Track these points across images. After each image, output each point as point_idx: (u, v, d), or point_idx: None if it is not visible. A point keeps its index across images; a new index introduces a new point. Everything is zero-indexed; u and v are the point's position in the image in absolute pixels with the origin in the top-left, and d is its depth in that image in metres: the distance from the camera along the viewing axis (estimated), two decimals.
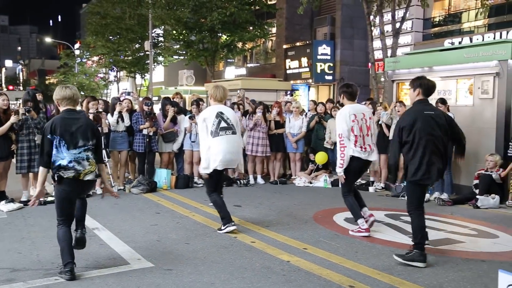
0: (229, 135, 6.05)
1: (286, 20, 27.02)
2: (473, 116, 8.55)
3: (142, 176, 9.03)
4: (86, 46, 37.00)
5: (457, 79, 8.91)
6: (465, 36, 19.68)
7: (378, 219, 6.76)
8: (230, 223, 5.99)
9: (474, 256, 5.15)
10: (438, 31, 21.53)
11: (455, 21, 21.01)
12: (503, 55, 8.07)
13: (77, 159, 4.49)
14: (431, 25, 21.90)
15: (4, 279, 4.33)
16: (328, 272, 4.57)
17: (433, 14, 21.86)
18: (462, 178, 8.65)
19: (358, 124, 5.94)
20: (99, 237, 5.76)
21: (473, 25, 20.22)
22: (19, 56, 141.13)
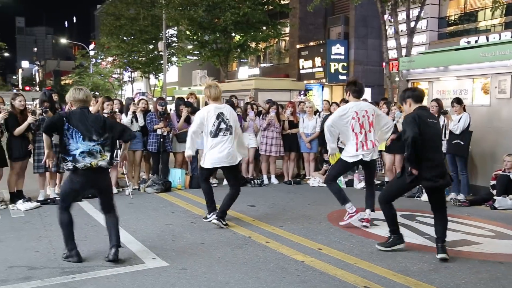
0: (227, 136, 6.37)
1: (300, 19, 26.97)
2: (490, 116, 8.46)
3: (156, 176, 9.08)
4: (101, 47, 37.31)
5: (473, 79, 8.82)
6: (481, 34, 19.47)
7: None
8: (215, 212, 6.42)
9: (491, 258, 5.09)
10: (454, 30, 21.32)
11: (471, 19, 20.80)
12: None
13: (91, 150, 4.79)
14: (446, 24, 21.70)
15: (21, 277, 4.39)
16: (343, 272, 4.56)
17: (448, 12, 21.66)
18: (479, 179, 8.55)
19: (359, 122, 6.16)
20: None
21: (489, 24, 19.99)
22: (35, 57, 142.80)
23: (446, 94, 9.20)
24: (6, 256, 5.01)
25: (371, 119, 6.22)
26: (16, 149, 7.47)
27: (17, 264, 4.76)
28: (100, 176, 5.00)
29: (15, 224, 6.38)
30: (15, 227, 6.20)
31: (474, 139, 8.19)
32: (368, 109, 6.31)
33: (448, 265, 4.80)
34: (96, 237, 5.78)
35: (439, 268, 4.72)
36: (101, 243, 5.47)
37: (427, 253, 5.18)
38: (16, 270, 4.57)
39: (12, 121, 7.36)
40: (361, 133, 6.21)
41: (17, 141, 7.48)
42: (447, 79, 9.30)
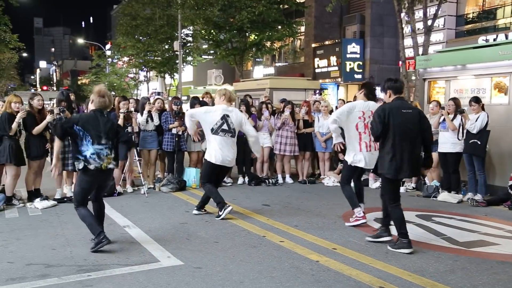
0: (228, 137, 6.63)
1: (315, 18, 26.89)
2: (508, 115, 8.33)
3: (171, 175, 9.13)
4: (117, 47, 37.61)
5: (491, 77, 8.70)
6: (500, 32, 19.23)
7: (409, 220, 6.67)
8: (225, 206, 6.60)
9: (509, 259, 5.02)
10: (472, 28, 21.08)
11: (489, 17, 20.55)
12: None
13: (98, 153, 5.13)
14: (464, 22, 21.47)
15: (39, 275, 4.45)
16: (357, 272, 4.53)
17: (466, 10, 21.42)
18: (496, 179, 8.44)
19: (364, 122, 6.23)
20: (130, 235, 5.86)
21: (508, 22, 19.72)
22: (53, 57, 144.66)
23: (463, 93, 9.10)
24: (24, 253, 5.09)
25: None
26: (34, 148, 7.57)
27: (35, 261, 4.83)
28: (108, 177, 5.51)
29: (32, 222, 6.47)
30: (32, 225, 6.29)
31: (492, 138, 8.08)
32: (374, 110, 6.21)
33: (465, 266, 4.75)
34: (111, 235, 5.81)
35: (456, 269, 4.68)
36: (117, 241, 5.53)
37: (444, 254, 5.13)
38: (33, 268, 4.64)
39: (31, 120, 7.47)
40: (365, 133, 6.23)
41: (35, 140, 7.58)
42: (464, 77, 9.19)
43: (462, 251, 5.27)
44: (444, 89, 9.60)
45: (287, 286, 4.19)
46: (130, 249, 5.27)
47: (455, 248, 5.37)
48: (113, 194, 8.29)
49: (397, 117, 5.19)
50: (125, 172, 8.77)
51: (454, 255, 5.11)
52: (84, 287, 4.16)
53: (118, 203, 7.72)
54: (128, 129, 8.50)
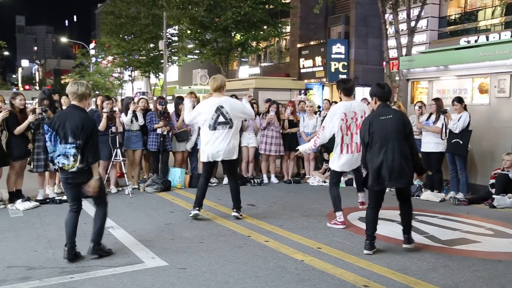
0: (226, 129, 6.46)
1: (300, 19, 26.97)
2: (489, 115, 8.46)
3: (156, 175, 9.08)
4: (101, 46, 37.34)
5: (473, 78, 8.81)
6: (482, 34, 19.47)
7: (393, 219, 6.73)
8: (195, 208, 6.65)
9: (490, 256, 5.09)
10: (454, 29, 21.32)
11: (471, 19, 20.80)
12: None
13: (66, 153, 4.81)
14: (446, 23, 21.70)
15: (20, 277, 4.39)
16: (342, 271, 4.56)
17: (448, 12, 21.66)
18: (478, 178, 8.55)
19: (346, 123, 6.16)
20: (114, 236, 5.81)
21: (489, 23, 19.99)
22: (35, 56, 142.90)
23: (446, 93, 9.21)
24: (5, 256, 5.02)
25: (359, 121, 6.10)
26: (16, 148, 7.47)
27: (16, 264, 4.76)
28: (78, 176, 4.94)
29: (13, 223, 6.38)
30: (13, 226, 6.21)
31: (473, 138, 8.19)
32: (358, 111, 6.23)
33: (447, 264, 4.80)
34: None
35: (438, 266, 4.73)
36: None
37: (427, 252, 5.19)
38: (14, 270, 4.58)
39: (12, 120, 7.36)
40: (347, 135, 6.19)
41: (17, 140, 7.48)
42: (447, 78, 9.30)
43: (444, 249, 5.33)
44: (427, 89, 9.71)
45: (272, 286, 4.20)
46: (114, 250, 5.22)
47: (438, 246, 5.43)
48: None
49: (377, 125, 5.15)
50: (109, 172, 8.70)
51: (436, 253, 5.17)
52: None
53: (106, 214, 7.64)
54: (112, 129, 8.44)
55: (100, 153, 8.59)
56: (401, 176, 5.11)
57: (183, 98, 10.30)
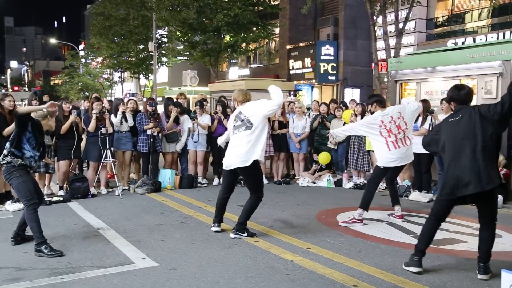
0: (242, 131, 5.76)
1: (290, 20, 27.02)
2: None
3: (146, 176, 9.06)
4: (91, 47, 37.09)
5: (460, 79, 8.89)
6: (468, 36, 19.65)
7: (381, 219, 6.78)
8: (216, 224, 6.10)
9: (477, 256, 5.13)
10: (441, 31, 21.51)
11: (458, 21, 20.99)
12: (506, 55, 8.06)
13: (34, 157, 5.36)
14: (434, 26, 21.88)
15: (10, 278, 4.36)
16: (331, 271, 4.58)
17: (436, 14, 21.84)
18: None
19: (386, 128, 6.45)
20: (104, 237, 5.79)
21: (476, 25, 20.19)
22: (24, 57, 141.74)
23: (433, 95, 9.29)
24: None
25: (397, 122, 6.47)
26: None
27: (6, 265, 4.72)
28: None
29: (3, 225, 6.33)
30: (3, 228, 6.15)
31: None
32: (394, 114, 6.56)
33: (435, 263, 4.85)
34: (85, 237, 5.76)
35: (426, 266, 4.76)
36: (91, 244, 5.46)
37: None
38: (4, 272, 4.54)
39: (1, 121, 7.29)
40: (390, 137, 6.47)
41: (5, 141, 7.39)
42: (434, 79, 9.38)
43: (432, 249, 5.36)
44: (415, 90, 9.78)
45: (262, 286, 4.21)
46: (104, 251, 5.21)
47: None
48: (87, 196, 8.19)
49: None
50: (99, 173, 8.67)
51: None
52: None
53: (92, 205, 7.62)
54: (102, 130, 8.41)
55: (90, 154, 8.64)
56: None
57: (172, 99, 10.30)
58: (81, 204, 7.71)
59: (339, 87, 25.45)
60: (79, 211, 7.25)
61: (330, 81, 25.39)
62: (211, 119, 9.84)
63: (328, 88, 26.33)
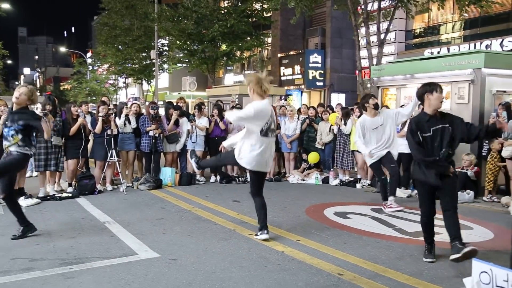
0: (273, 138, 5.37)
1: (281, 31, 27.04)
2: None
3: (148, 174, 9.03)
4: (97, 55, 36.93)
5: None
6: (443, 46, 19.76)
7: (364, 213, 6.80)
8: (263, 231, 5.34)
9: (450, 246, 5.15)
10: (419, 41, 21.61)
11: (434, 32, 21.11)
12: (477, 64, 8.11)
13: (5, 136, 5.32)
14: (412, 36, 21.98)
15: (23, 268, 4.33)
16: (319, 261, 4.59)
17: (414, 26, 21.94)
18: None
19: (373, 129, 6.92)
20: (110, 230, 5.76)
21: (450, 37, 20.31)
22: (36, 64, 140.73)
23: (412, 100, 9.30)
24: (9, 248, 4.95)
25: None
26: None
27: (19, 256, 4.70)
28: None
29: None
30: (16, 222, 6.10)
31: None
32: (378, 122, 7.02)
33: (413, 253, 4.86)
34: (92, 230, 5.74)
35: (405, 256, 4.79)
36: (97, 236, 5.44)
37: (394, 243, 5.25)
38: (18, 262, 4.52)
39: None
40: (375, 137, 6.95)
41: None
42: (413, 85, 9.39)
43: (411, 240, 5.40)
44: (395, 95, 9.82)
45: (255, 275, 4.21)
46: (110, 243, 5.19)
47: (405, 238, 5.49)
48: (94, 192, 8.16)
49: None
50: (105, 171, 8.63)
51: (403, 244, 5.24)
52: (66, 279, 4.07)
53: (98, 201, 7.59)
54: (107, 131, 8.38)
55: (97, 153, 8.60)
56: None
57: (172, 103, 10.29)
58: (88, 199, 7.68)
59: (326, 92, 25.52)
60: (86, 206, 7.22)
61: (318, 87, 25.44)
62: (208, 121, 9.83)
63: (316, 93, 26.38)
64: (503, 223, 6.26)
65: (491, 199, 7.83)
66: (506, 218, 6.52)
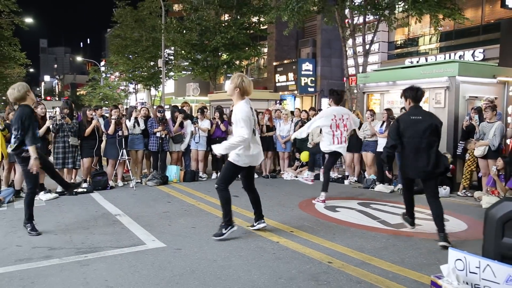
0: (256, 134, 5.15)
1: (276, 42, 27.02)
2: None
3: (156, 171, 9.00)
4: (110, 64, 36.82)
5: None
6: (422, 56, 19.77)
7: (352, 207, 6.79)
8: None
9: (429, 236, 5.17)
10: (400, 52, 21.61)
11: (413, 44, 21.11)
12: (451, 72, 8.13)
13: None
14: (394, 47, 21.98)
15: (43, 256, 4.31)
16: (310, 250, 4.57)
17: (395, 38, 21.95)
18: None
19: (336, 122, 6.63)
20: (121, 222, 5.74)
21: (427, 48, 20.32)
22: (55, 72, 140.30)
23: (394, 104, 9.32)
24: (30, 238, 4.93)
25: (345, 122, 6.72)
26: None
27: (39, 245, 4.68)
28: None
29: (37, 212, 6.19)
30: (37, 214, 6.03)
31: None
32: (344, 114, 6.78)
33: (395, 243, 4.86)
34: (105, 222, 5.71)
35: (388, 246, 4.78)
36: (109, 228, 5.41)
37: (379, 234, 5.24)
38: (38, 250, 4.49)
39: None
40: (337, 131, 6.64)
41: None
42: (395, 91, 9.41)
43: (393, 231, 5.40)
44: (379, 100, 9.82)
45: (253, 263, 4.19)
46: (121, 234, 5.17)
47: (388, 229, 5.49)
48: (106, 188, 8.13)
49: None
50: (116, 169, 8.60)
51: (387, 234, 5.23)
52: (81, 266, 4.05)
53: (110, 195, 7.56)
54: (119, 132, 8.35)
55: (109, 152, 8.56)
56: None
57: (178, 106, 10.26)
58: (101, 194, 7.65)
59: (317, 97, 25.49)
60: (99, 200, 7.18)
61: (309, 92, 25.41)
62: (210, 123, 9.80)
63: (308, 98, 26.35)
64: (476, 215, 6.27)
65: (465, 194, 7.84)
66: (478, 211, 6.52)
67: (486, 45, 17.18)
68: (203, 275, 3.86)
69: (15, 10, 22.57)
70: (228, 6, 20.21)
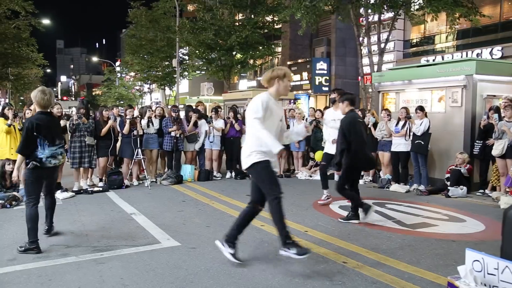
0: None
1: (290, 41, 26.95)
2: (445, 121, 8.48)
3: (170, 170, 9.06)
4: (125, 64, 37.21)
5: (431, 90, 8.83)
6: (438, 54, 19.51)
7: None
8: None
9: (445, 237, 5.10)
10: (416, 50, 21.36)
11: (429, 42, 20.85)
12: (469, 70, 7.99)
13: (54, 154, 4.55)
14: (409, 46, 21.74)
15: (60, 254, 4.38)
16: (325, 250, 4.55)
17: (411, 36, 21.70)
18: (436, 173, 8.57)
19: None
20: (136, 221, 5.80)
21: (444, 46, 20.04)
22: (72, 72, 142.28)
23: (410, 103, 9.21)
24: (48, 236, 5.00)
25: None
26: None
27: (57, 243, 4.75)
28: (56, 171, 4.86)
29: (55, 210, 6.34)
30: (55, 212, 6.15)
31: (432, 140, 8.21)
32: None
33: (411, 244, 4.80)
34: (120, 221, 5.77)
35: (404, 246, 4.73)
36: (125, 226, 5.47)
37: (394, 234, 5.19)
38: (55, 248, 4.57)
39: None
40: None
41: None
42: (410, 90, 9.31)
43: (409, 231, 5.33)
44: (395, 99, 9.72)
45: (267, 262, 4.19)
46: (136, 232, 5.22)
47: (403, 229, 5.43)
48: (122, 187, 8.21)
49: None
50: (131, 168, 8.68)
51: (402, 235, 5.17)
52: (97, 264, 4.11)
53: (125, 194, 7.64)
54: (133, 132, 8.43)
55: (124, 152, 8.64)
56: None
57: (192, 106, 10.31)
58: (117, 193, 7.73)
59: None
60: (115, 199, 7.26)
61: (323, 91, 25.28)
62: (224, 123, 9.83)
63: (322, 97, 26.22)
64: (494, 216, 6.15)
65: (482, 194, 7.72)
66: (496, 212, 6.41)
67: (504, 42, 16.86)
68: (217, 274, 3.88)
69: (32, 11, 22.95)
70: (242, 5, 20.23)
